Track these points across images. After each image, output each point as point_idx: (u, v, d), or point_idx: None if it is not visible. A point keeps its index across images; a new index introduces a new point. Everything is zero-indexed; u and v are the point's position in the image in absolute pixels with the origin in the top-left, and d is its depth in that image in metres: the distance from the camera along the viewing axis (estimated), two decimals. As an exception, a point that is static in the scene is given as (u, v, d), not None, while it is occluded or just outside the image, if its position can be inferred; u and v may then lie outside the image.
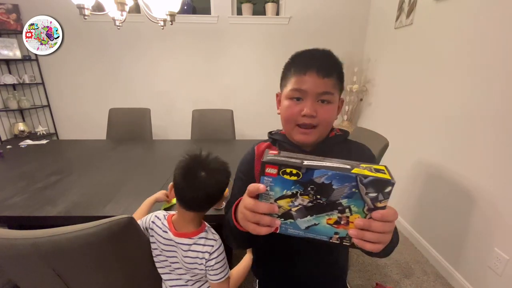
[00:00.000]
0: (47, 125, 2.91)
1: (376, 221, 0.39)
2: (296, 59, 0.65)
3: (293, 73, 0.63)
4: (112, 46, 2.67)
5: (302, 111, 0.61)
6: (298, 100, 0.62)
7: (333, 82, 0.61)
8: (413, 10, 1.90)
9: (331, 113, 0.63)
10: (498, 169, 1.26)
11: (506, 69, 1.22)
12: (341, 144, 0.70)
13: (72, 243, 0.62)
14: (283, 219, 0.43)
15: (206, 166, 0.70)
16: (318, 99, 0.61)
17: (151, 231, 0.79)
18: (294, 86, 0.62)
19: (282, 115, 0.67)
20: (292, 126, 0.64)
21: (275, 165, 0.38)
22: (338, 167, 0.38)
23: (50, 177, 1.33)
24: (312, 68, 0.59)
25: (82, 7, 1.20)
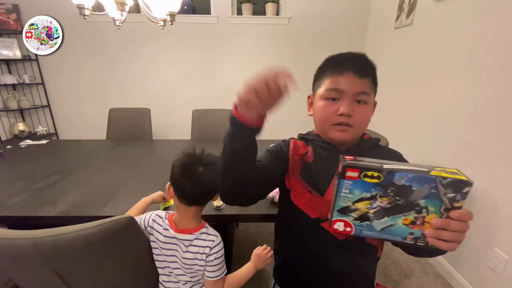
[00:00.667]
0: (47, 125, 2.91)
1: (454, 220, 0.40)
2: (331, 60, 0.65)
3: (328, 74, 0.63)
4: (112, 46, 2.67)
5: (338, 110, 0.60)
6: (333, 100, 0.62)
7: (369, 82, 0.62)
8: (413, 10, 1.91)
9: (367, 114, 0.63)
10: (498, 169, 1.26)
11: (506, 69, 1.22)
12: (375, 148, 0.71)
13: (72, 243, 0.62)
14: (359, 221, 0.44)
15: (202, 162, 0.73)
16: (355, 99, 0.61)
17: (151, 229, 0.79)
18: (330, 86, 0.62)
19: (317, 115, 0.67)
20: (328, 126, 0.64)
21: (357, 168, 0.40)
22: (417, 170, 0.39)
23: (50, 177, 1.33)
24: (349, 68, 0.60)
25: (82, 7, 1.20)
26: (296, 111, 2.91)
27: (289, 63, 2.77)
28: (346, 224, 0.45)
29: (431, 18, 1.74)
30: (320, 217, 0.66)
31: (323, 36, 2.69)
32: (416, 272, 1.60)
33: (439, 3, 1.66)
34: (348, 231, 0.45)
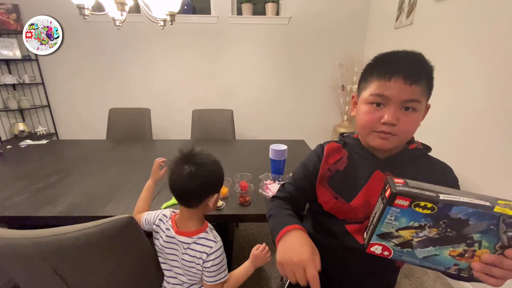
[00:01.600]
0: (47, 125, 2.91)
1: (509, 259, 0.38)
2: (380, 60, 0.59)
3: (375, 77, 0.57)
4: (112, 46, 2.67)
5: (382, 118, 0.56)
6: (378, 106, 0.57)
7: (421, 88, 0.55)
8: (413, 10, 1.91)
9: (414, 123, 0.57)
10: (498, 170, 1.26)
11: (507, 69, 1.22)
12: (422, 159, 0.65)
13: (72, 243, 0.62)
14: (400, 247, 0.41)
15: (192, 161, 0.71)
16: (402, 106, 0.56)
17: (157, 227, 0.80)
18: (375, 91, 0.57)
19: (359, 120, 0.62)
20: (369, 132, 0.60)
21: (409, 197, 0.36)
22: (479, 204, 0.35)
23: (50, 177, 1.33)
24: (399, 73, 0.54)
25: (82, 7, 1.20)
26: (294, 111, 2.92)
27: (289, 63, 2.77)
28: (385, 248, 0.42)
29: (431, 18, 1.74)
30: (346, 219, 0.66)
31: (323, 36, 2.69)
32: (416, 272, 1.60)
33: (439, 3, 1.66)
34: (386, 255, 0.43)
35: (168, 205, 1.07)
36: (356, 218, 0.65)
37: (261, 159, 1.59)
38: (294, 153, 1.65)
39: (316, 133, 2.96)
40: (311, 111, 2.92)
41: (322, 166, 0.69)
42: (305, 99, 2.87)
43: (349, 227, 0.66)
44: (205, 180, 0.71)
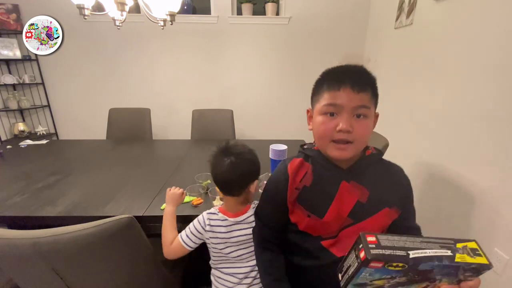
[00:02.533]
0: (47, 125, 2.91)
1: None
2: (328, 75, 0.64)
3: (326, 89, 0.61)
4: (112, 46, 2.67)
5: (337, 126, 0.59)
6: (332, 116, 0.61)
7: (368, 96, 0.60)
8: (413, 10, 1.90)
9: (367, 129, 0.61)
10: (498, 169, 1.26)
11: (507, 68, 1.22)
12: (377, 164, 0.69)
13: (72, 243, 0.62)
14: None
15: (229, 152, 0.77)
16: (354, 113, 0.59)
17: (210, 227, 0.81)
18: (328, 101, 0.60)
19: (316, 131, 0.65)
20: (326, 142, 0.62)
21: (382, 260, 0.39)
22: (443, 256, 0.40)
23: (50, 177, 1.33)
24: (347, 83, 0.58)
25: (82, 7, 1.20)
26: (294, 112, 2.92)
27: (289, 63, 2.77)
28: None
29: (431, 18, 1.74)
30: (321, 235, 0.66)
31: (323, 36, 2.69)
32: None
33: (439, 3, 1.66)
34: None
35: (168, 205, 1.07)
36: (330, 232, 0.66)
37: (261, 159, 1.58)
38: (294, 153, 1.65)
39: (316, 133, 2.96)
40: (311, 111, 2.91)
41: (289, 187, 0.68)
42: (305, 99, 2.85)
43: (325, 243, 0.66)
44: (246, 168, 0.77)
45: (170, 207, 0.92)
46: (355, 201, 0.64)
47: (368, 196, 0.64)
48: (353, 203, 0.64)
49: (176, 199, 0.95)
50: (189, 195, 1.11)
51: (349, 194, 0.64)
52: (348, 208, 0.64)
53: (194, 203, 1.07)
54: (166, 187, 1.23)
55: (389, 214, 0.65)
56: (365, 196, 0.64)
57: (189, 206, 1.07)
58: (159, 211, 1.03)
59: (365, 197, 0.64)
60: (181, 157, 1.65)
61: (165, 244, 0.85)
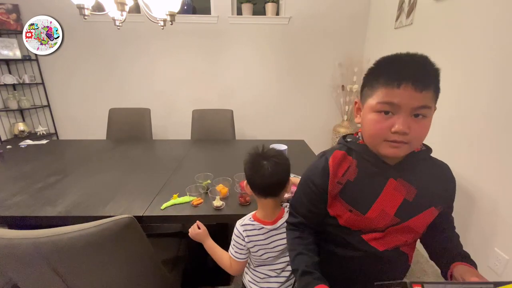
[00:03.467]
0: (47, 125, 2.91)
1: None
2: (385, 65, 0.56)
3: (382, 84, 0.54)
4: (112, 46, 2.67)
5: (393, 127, 0.53)
6: (387, 114, 0.55)
7: (431, 94, 0.53)
8: (413, 10, 1.90)
9: (425, 129, 0.56)
10: (498, 169, 1.26)
11: (507, 69, 1.22)
12: (426, 161, 0.65)
13: (72, 243, 0.62)
14: None
15: (266, 156, 0.79)
16: (412, 113, 0.53)
17: (248, 238, 0.82)
18: (383, 99, 0.54)
19: (367, 129, 0.59)
20: (379, 141, 0.57)
21: None
22: None
23: (50, 177, 1.33)
24: (407, 80, 0.51)
25: (82, 7, 1.20)
26: (294, 112, 2.92)
27: (289, 63, 2.77)
28: None
29: (431, 18, 1.74)
30: (362, 230, 0.65)
31: (323, 36, 2.69)
32: (416, 272, 1.60)
33: (439, 3, 1.66)
34: None
35: (168, 205, 1.07)
36: (374, 228, 0.64)
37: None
38: (294, 153, 1.65)
39: (316, 133, 2.96)
40: (311, 111, 2.91)
41: (330, 182, 0.64)
42: (305, 99, 2.87)
43: (366, 236, 0.64)
44: (284, 168, 0.80)
45: (206, 242, 0.93)
46: (401, 200, 0.62)
47: (415, 195, 0.62)
48: (399, 202, 0.62)
49: (202, 234, 0.94)
50: (189, 195, 1.11)
51: (395, 191, 0.62)
52: (394, 207, 0.62)
53: (194, 203, 1.07)
54: (166, 187, 1.24)
55: (434, 212, 0.64)
56: (412, 195, 0.62)
57: (189, 206, 1.07)
58: (159, 211, 1.03)
59: (412, 196, 0.62)
60: (181, 157, 1.65)
61: (226, 268, 0.88)
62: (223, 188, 1.12)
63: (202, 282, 1.44)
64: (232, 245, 0.85)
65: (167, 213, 1.03)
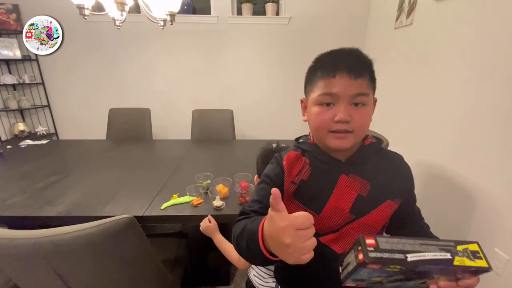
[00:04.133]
0: (47, 125, 2.91)
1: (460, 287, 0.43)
2: (321, 60, 0.59)
3: (320, 77, 0.57)
4: (112, 46, 2.67)
5: (335, 116, 0.55)
6: (328, 106, 0.57)
7: (366, 81, 0.56)
8: (413, 10, 1.90)
9: (367, 117, 0.57)
10: (498, 169, 1.26)
11: (507, 69, 1.22)
12: (378, 154, 0.65)
13: (73, 243, 0.62)
14: (372, 283, 0.47)
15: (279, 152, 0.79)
16: (352, 102, 0.55)
17: None
18: (323, 90, 0.56)
19: (312, 122, 0.61)
20: (324, 133, 0.58)
21: (380, 263, 0.40)
22: (441, 259, 0.41)
23: (50, 177, 1.33)
24: (342, 69, 0.54)
25: (82, 7, 1.20)
26: (294, 112, 2.92)
27: (289, 63, 2.77)
28: (359, 285, 0.48)
29: (431, 18, 1.74)
30: (319, 232, 0.62)
31: (323, 36, 2.69)
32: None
33: (439, 3, 1.66)
34: (360, 286, 0.48)
35: (168, 205, 1.07)
36: (330, 227, 0.62)
37: (261, 159, 1.59)
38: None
39: (316, 133, 2.96)
40: (311, 111, 2.91)
41: (286, 179, 0.64)
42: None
43: (324, 239, 0.62)
44: None
45: (216, 236, 0.95)
46: (355, 195, 0.61)
47: (369, 189, 0.61)
48: (353, 198, 0.61)
49: (212, 228, 0.96)
50: (189, 195, 1.11)
51: (349, 188, 0.61)
52: (349, 203, 0.61)
53: (194, 203, 1.07)
54: (166, 187, 1.24)
55: (391, 206, 0.62)
56: (366, 189, 0.61)
57: (189, 206, 1.07)
58: (159, 211, 1.03)
59: (366, 191, 0.61)
60: (181, 157, 1.65)
61: (234, 262, 0.88)
62: (223, 188, 1.12)
63: (202, 282, 1.44)
64: None
65: (167, 213, 1.03)
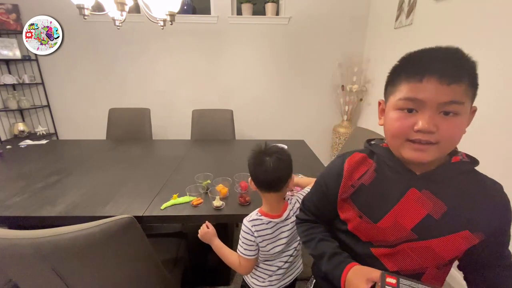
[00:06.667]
0: (47, 125, 2.91)
1: None
2: (407, 60, 0.51)
3: (404, 79, 0.49)
4: (112, 46, 2.67)
5: (416, 125, 0.47)
6: (410, 112, 0.49)
7: (463, 88, 0.46)
8: (413, 10, 1.91)
9: (458, 128, 0.48)
10: (491, 167, 1.27)
11: (506, 69, 1.22)
12: (468, 176, 0.54)
13: (72, 243, 0.62)
14: None
15: (268, 153, 0.82)
16: (440, 110, 0.47)
17: (257, 233, 0.82)
18: (406, 94, 0.48)
19: (388, 128, 0.53)
20: (401, 142, 0.51)
21: None
22: None
23: (50, 177, 1.33)
24: (432, 72, 0.45)
25: (82, 7, 1.20)
26: (294, 112, 2.92)
27: (289, 63, 2.77)
28: None
29: (431, 18, 1.74)
30: (372, 242, 0.58)
31: (323, 36, 2.69)
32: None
33: (438, 3, 1.66)
34: None
35: (168, 205, 1.07)
36: (385, 241, 0.56)
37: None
38: (294, 153, 1.64)
39: (316, 133, 2.96)
40: (311, 111, 2.91)
41: (343, 185, 0.60)
42: (305, 99, 2.87)
43: (376, 251, 0.58)
44: (286, 164, 0.82)
45: (214, 242, 0.94)
46: (424, 214, 0.53)
47: (444, 212, 0.52)
48: (421, 216, 0.53)
49: (211, 233, 0.96)
50: (189, 195, 1.11)
51: (417, 204, 0.53)
52: (413, 221, 0.53)
53: (194, 203, 1.07)
54: (166, 187, 1.24)
55: (469, 238, 0.52)
56: (440, 212, 0.52)
57: (189, 206, 1.07)
58: (159, 211, 1.03)
59: (439, 213, 0.52)
60: (181, 157, 1.65)
61: (235, 267, 0.88)
62: (223, 188, 1.12)
63: (202, 282, 1.44)
64: (241, 243, 0.85)
65: (167, 213, 1.03)
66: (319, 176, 0.69)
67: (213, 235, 0.95)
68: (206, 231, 0.95)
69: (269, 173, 0.79)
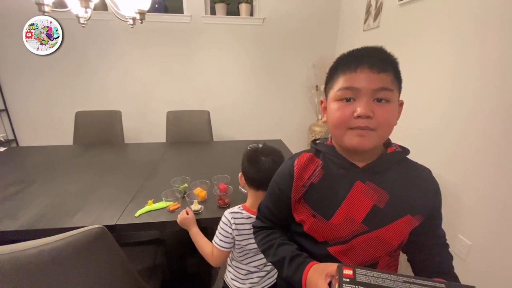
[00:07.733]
0: (4, 131, 2.67)
1: None
2: (342, 58, 0.56)
3: (340, 72, 0.54)
4: (79, 46, 2.51)
5: (355, 111, 0.51)
6: (348, 101, 0.53)
7: (390, 78, 0.52)
8: (380, 14, 2.00)
9: (391, 114, 0.53)
10: (461, 163, 1.37)
11: (463, 65, 1.33)
12: (402, 164, 0.59)
13: (35, 260, 0.57)
14: None
15: (264, 153, 0.85)
16: (374, 97, 0.51)
17: (236, 225, 0.84)
18: (343, 84, 0.53)
19: (330, 119, 0.57)
20: (343, 131, 0.54)
21: None
22: None
23: (9, 188, 1.22)
24: (364, 63, 0.51)
25: (42, 3, 1.12)
26: (269, 111, 2.94)
27: (264, 64, 2.79)
28: None
29: (396, 20, 1.84)
30: (328, 241, 0.60)
31: (297, 37, 2.74)
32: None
33: (403, 7, 1.76)
34: None
35: (143, 212, 1.02)
36: (340, 237, 0.58)
37: (239, 160, 1.57)
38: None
39: (292, 132, 3.01)
40: (287, 111, 2.96)
41: (294, 186, 0.62)
42: (281, 99, 2.91)
43: (332, 250, 0.59)
44: (277, 165, 0.80)
45: (192, 228, 0.95)
46: (371, 205, 0.56)
47: (387, 201, 0.56)
48: (368, 208, 0.56)
49: (190, 219, 0.95)
50: (165, 201, 1.07)
51: (364, 196, 0.56)
52: (362, 213, 0.56)
53: (171, 209, 1.04)
54: (141, 193, 1.19)
55: (411, 222, 0.57)
56: (384, 201, 0.56)
57: (165, 212, 1.04)
58: (133, 219, 0.98)
59: (383, 202, 0.56)
60: (156, 161, 1.60)
61: (207, 257, 0.89)
62: (201, 191, 1.10)
63: (182, 288, 1.40)
64: (218, 234, 0.86)
65: (142, 220, 0.99)
66: (272, 180, 0.69)
67: (192, 222, 0.96)
68: (185, 217, 0.95)
69: (262, 173, 0.82)
